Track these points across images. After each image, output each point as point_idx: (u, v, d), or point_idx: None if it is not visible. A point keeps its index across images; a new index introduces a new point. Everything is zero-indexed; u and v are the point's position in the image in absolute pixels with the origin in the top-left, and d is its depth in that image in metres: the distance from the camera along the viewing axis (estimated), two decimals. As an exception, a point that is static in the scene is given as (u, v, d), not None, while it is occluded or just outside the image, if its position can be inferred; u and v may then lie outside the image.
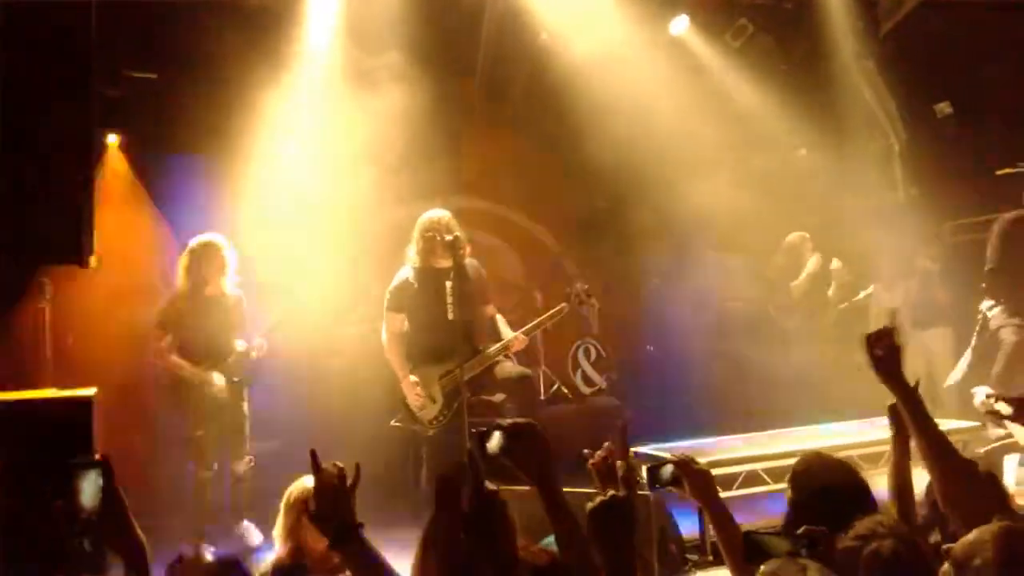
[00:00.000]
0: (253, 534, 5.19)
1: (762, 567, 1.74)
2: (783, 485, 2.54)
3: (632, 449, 5.55)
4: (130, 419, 5.40)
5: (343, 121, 6.39)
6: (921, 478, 2.46)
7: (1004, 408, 2.99)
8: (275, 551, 3.07)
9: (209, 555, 4.63)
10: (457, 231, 4.67)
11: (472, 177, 7.37)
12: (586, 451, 2.19)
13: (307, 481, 2.99)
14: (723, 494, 3.03)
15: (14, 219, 4.78)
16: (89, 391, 4.54)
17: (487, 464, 2.08)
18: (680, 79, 7.16)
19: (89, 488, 1.92)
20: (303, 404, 5.97)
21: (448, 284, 4.55)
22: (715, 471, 2.81)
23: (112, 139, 6.21)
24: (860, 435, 5.09)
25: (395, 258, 5.19)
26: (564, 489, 2.02)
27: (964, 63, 6.98)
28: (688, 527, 4.48)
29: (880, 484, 2.60)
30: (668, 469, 2.42)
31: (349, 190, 6.65)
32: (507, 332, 4.95)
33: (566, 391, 7.12)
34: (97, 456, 1.98)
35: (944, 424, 2.62)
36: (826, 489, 2.30)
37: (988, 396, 3.33)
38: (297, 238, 6.35)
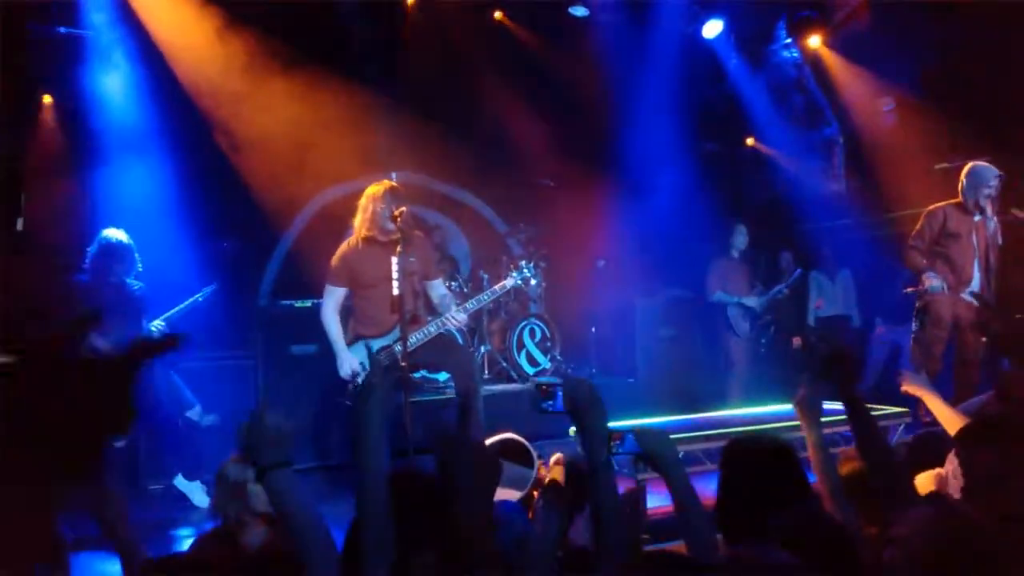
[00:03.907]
0: (197, 494, 5.36)
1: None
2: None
3: (572, 429, 5.61)
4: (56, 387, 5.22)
5: (281, 98, 6.34)
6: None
7: None
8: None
9: None
10: (404, 204, 4.57)
11: (418, 154, 7.28)
12: None
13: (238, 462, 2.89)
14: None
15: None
16: (6, 358, 4.38)
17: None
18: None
19: None
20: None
21: (394, 258, 4.47)
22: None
23: (47, 100, 5.98)
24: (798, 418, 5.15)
25: (338, 232, 5.10)
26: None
27: (908, 58, 7.12)
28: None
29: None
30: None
31: (291, 165, 6.55)
32: (451, 308, 4.88)
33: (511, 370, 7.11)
34: None
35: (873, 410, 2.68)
36: (757, 466, 2.28)
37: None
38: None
